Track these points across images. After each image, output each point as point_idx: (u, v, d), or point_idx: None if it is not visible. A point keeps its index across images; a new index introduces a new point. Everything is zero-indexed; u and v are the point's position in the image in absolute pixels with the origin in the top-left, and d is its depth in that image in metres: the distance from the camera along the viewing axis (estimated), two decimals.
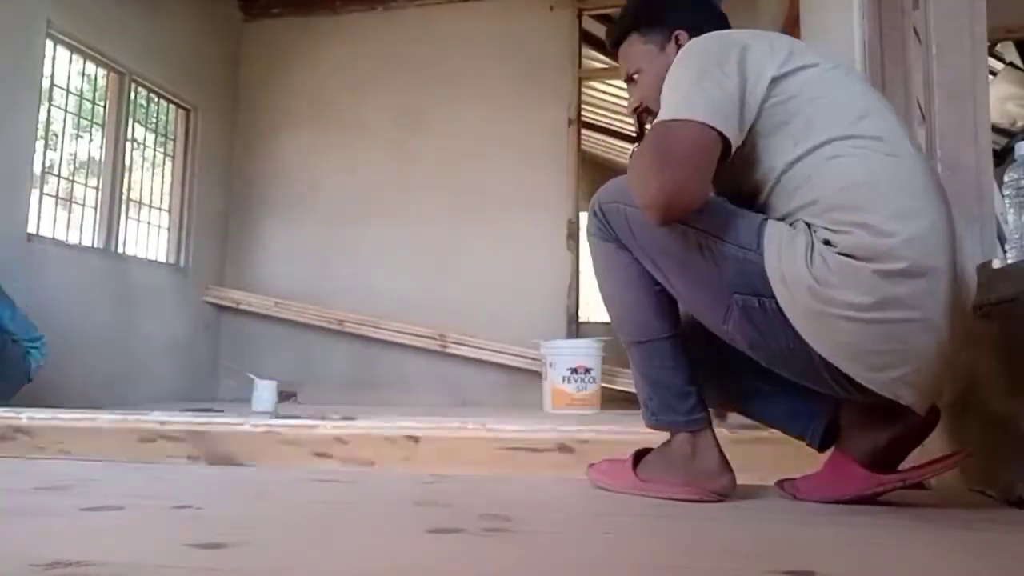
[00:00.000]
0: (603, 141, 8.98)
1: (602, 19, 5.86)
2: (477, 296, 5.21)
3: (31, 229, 3.97)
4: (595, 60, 6.50)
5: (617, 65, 1.64)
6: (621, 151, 9.36)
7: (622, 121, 8.39)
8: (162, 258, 5.12)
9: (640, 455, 1.50)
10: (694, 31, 1.42)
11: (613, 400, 4.80)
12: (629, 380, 4.76)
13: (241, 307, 5.40)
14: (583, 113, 5.58)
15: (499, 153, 5.34)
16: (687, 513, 1.27)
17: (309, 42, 5.76)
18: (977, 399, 1.38)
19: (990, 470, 1.36)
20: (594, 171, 8.61)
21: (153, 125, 5.15)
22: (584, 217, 1.86)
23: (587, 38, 5.73)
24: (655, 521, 1.22)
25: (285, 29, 5.81)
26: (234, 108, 5.78)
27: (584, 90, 5.62)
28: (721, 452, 1.39)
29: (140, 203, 4.97)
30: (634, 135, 8.53)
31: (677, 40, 1.48)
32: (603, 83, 7.23)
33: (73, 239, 4.34)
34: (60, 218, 4.32)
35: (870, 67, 2.13)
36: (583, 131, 5.59)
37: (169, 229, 5.22)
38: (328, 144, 5.63)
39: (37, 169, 4.05)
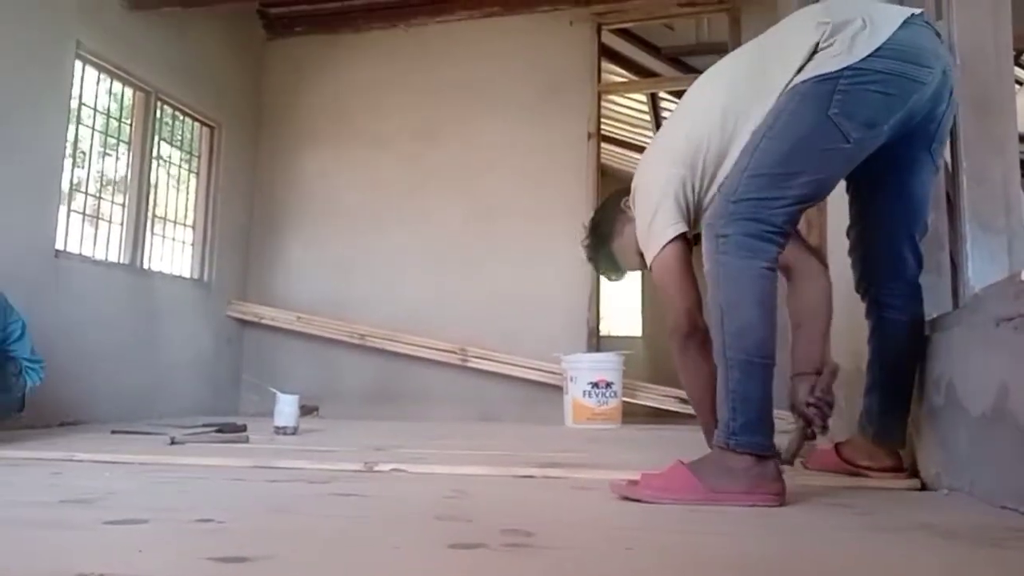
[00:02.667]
0: (622, 154, 8.97)
1: (621, 33, 5.89)
2: (497, 310, 5.21)
3: (59, 245, 4.04)
4: (614, 74, 6.52)
5: (636, 79, 1.83)
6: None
7: (641, 134, 8.39)
8: (186, 273, 5.18)
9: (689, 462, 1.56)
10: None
11: (634, 415, 4.77)
12: (650, 394, 4.74)
13: (263, 321, 5.44)
14: (602, 126, 5.58)
15: (519, 167, 5.35)
16: (709, 528, 1.25)
17: (331, 59, 5.82)
18: (1008, 412, 1.36)
19: (1021, 486, 1.33)
20: (613, 184, 8.59)
21: (178, 142, 5.23)
22: None
23: (606, 52, 5.75)
24: (678, 536, 1.21)
25: (308, 47, 5.88)
26: (257, 125, 5.85)
27: (603, 104, 5.63)
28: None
29: (165, 219, 5.04)
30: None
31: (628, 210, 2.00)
32: (622, 96, 7.25)
33: (100, 255, 4.41)
34: (87, 234, 4.38)
35: None
36: (602, 144, 5.59)
37: (193, 244, 5.28)
38: (350, 159, 5.67)
39: (65, 186, 4.12)
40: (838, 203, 2.99)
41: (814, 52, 1.59)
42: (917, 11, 1.64)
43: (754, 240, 1.54)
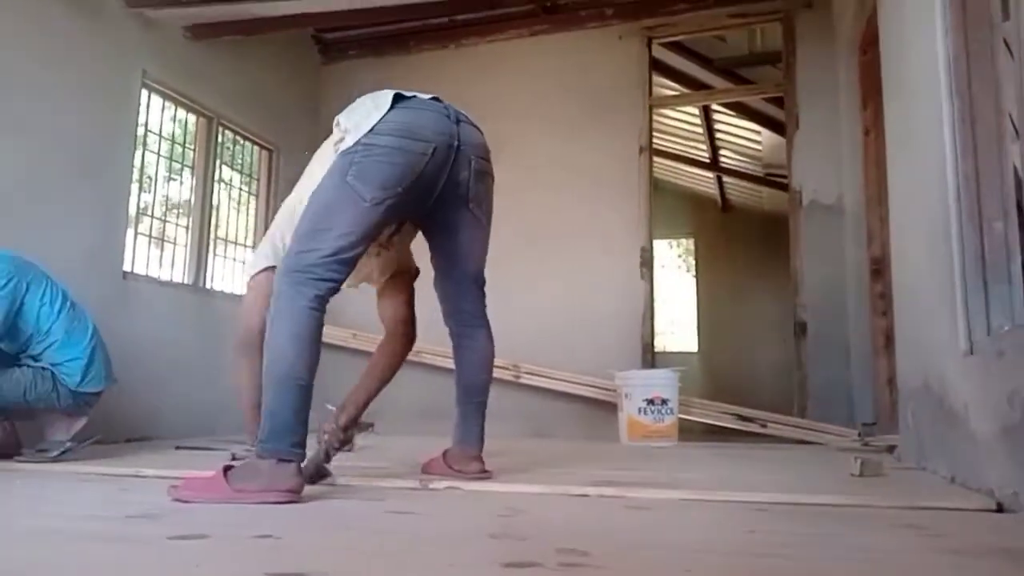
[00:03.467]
0: (675, 167, 8.89)
1: (672, 46, 5.85)
2: (551, 326, 5.19)
3: (127, 267, 4.19)
4: (665, 87, 6.48)
5: (688, 92, 1.84)
6: (693, 178, 9.25)
7: (694, 148, 8.30)
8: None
9: (227, 469, 1.79)
10: None
11: (691, 432, 4.68)
12: (707, 411, 4.65)
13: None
14: (654, 140, 5.55)
15: (571, 183, 5.35)
16: (773, 551, 1.22)
17: (384, 81, 5.86)
18: None
19: None
20: (666, 198, 8.53)
21: (239, 166, 5.39)
22: (658, 245, 1.88)
23: (657, 65, 5.72)
24: (740, 559, 1.18)
25: (361, 70, 6.00)
26: (314, 146, 5.96)
27: (655, 117, 5.59)
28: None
29: (226, 240, 5.19)
30: (707, 161, 8.44)
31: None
32: (674, 110, 7.19)
33: (165, 276, 4.56)
34: (153, 256, 4.54)
35: (956, 83, 2.04)
36: (655, 158, 5.55)
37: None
38: None
39: (132, 210, 4.28)
40: (899, 220, 2.91)
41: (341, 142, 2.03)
42: (424, 95, 2.16)
43: (298, 285, 1.87)
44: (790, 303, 4.93)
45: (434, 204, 2.15)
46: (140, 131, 4.35)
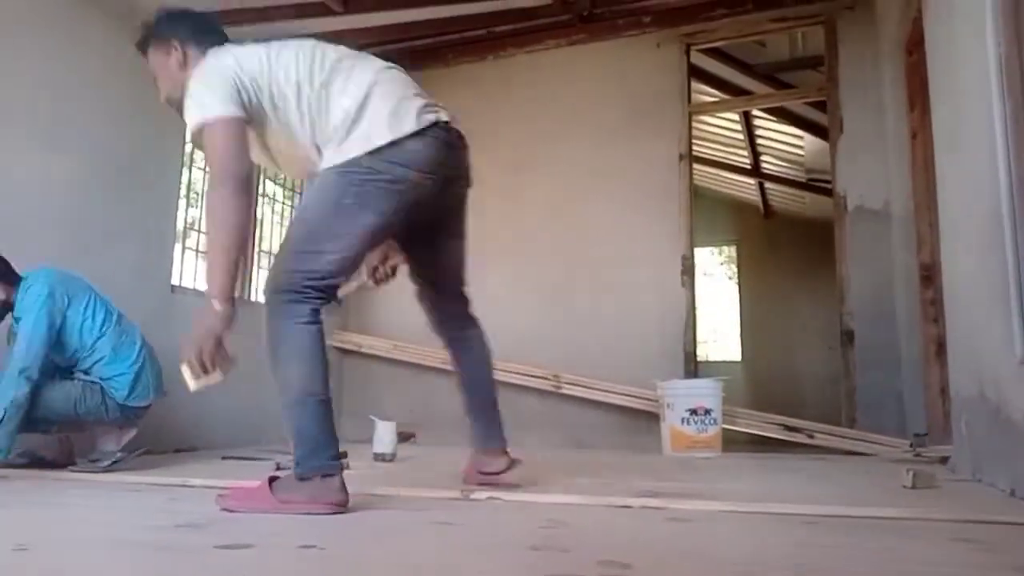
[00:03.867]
0: (715, 175, 8.81)
1: (711, 53, 5.80)
2: (592, 336, 5.17)
3: (174, 281, 4.30)
4: (705, 94, 6.42)
5: (728, 98, 1.78)
6: (734, 184, 9.15)
7: (735, 154, 8.21)
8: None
9: (272, 480, 1.81)
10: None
11: (736, 442, 4.60)
12: (752, 421, 4.57)
13: (363, 350, 5.60)
14: (694, 147, 5.49)
15: (610, 191, 5.32)
16: (824, 564, 1.18)
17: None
18: None
19: None
20: (707, 206, 8.45)
21: (282, 180, 5.49)
22: (700, 252, 1.84)
23: (695, 72, 5.67)
24: (786, 573, 1.15)
25: None
26: None
27: (694, 124, 5.54)
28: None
29: (270, 253, 5.28)
30: (748, 167, 8.34)
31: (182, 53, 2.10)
32: (714, 116, 7.12)
33: None
34: (199, 270, 4.64)
35: (1008, 82, 1.99)
36: (695, 165, 5.50)
37: None
38: None
39: (180, 226, 4.39)
40: (950, 224, 2.84)
41: (351, 129, 1.90)
42: (442, 118, 2.04)
43: (293, 304, 1.87)
44: (836, 311, 4.82)
45: (425, 223, 2.18)
46: (187, 148, 4.46)
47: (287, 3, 4.40)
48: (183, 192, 4.41)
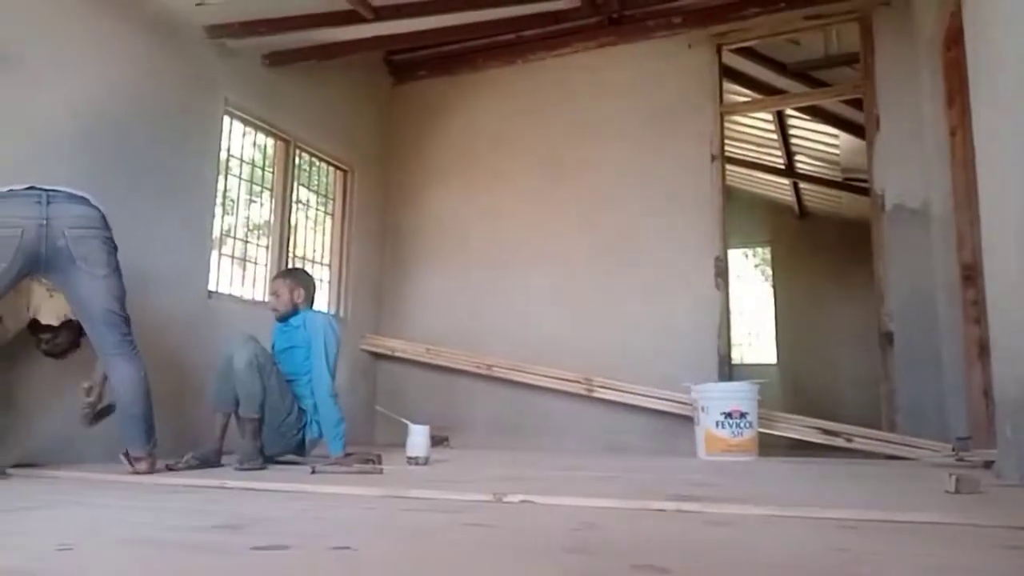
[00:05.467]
0: (748, 175, 8.71)
1: (743, 52, 5.74)
2: (623, 339, 5.14)
3: (211, 287, 4.37)
4: (737, 94, 6.36)
5: (760, 97, 1.72)
6: (768, 185, 9.03)
7: (768, 154, 8.11)
8: (324, 309, 5.45)
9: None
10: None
11: (773, 446, 4.54)
12: (790, 424, 4.51)
13: (395, 354, 5.63)
14: (726, 148, 5.44)
15: (642, 193, 5.30)
16: (860, 570, 1.16)
17: (454, 99, 6.03)
18: None
19: None
20: (740, 207, 8.35)
21: (315, 187, 5.56)
22: (734, 254, 1.80)
23: (728, 72, 5.62)
24: None
25: (431, 89, 6.12)
26: (386, 165, 6.13)
27: (726, 124, 5.49)
28: None
29: (304, 259, 5.34)
30: (782, 167, 8.23)
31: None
32: (746, 116, 7.05)
33: (247, 295, 4.73)
34: (235, 275, 4.72)
35: None
36: (727, 166, 5.44)
37: (330, 282, 5.57)
38: (474, 194, 5.82)
39: (217, 233, 4.47)
40: (992, 222, 2.80)
41: None
42: (19, 187, 2.72)
43: None
44: (874, 312, 4.74)
45: (46, 267, 2.74)
46: (223, 156, 4.54)
47: (318, 12, 4.45)
48: (219, 200, 4.48)
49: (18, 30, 3.37)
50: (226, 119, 4.55)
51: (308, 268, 5.38)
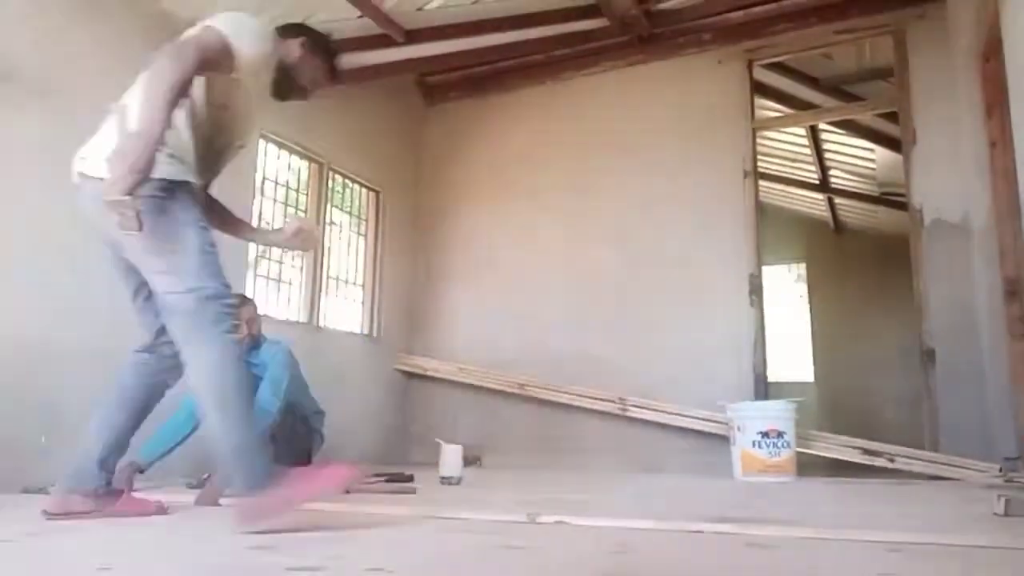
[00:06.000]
0: (781, 190, 8.61)
1: (775, 67, 5.71)
2: (658, 357, 5.09)
3: None
4: (769, 109, 6.31)
5: (793, 112, 1.69)
6: (802, 200, 8.93)
7: (802, 169, 8.03)
8: (357, 329, 5.49)
9: None
10: None
11: (812, 467, 4.45)
12: (828, 444, 4.42)
13: (428, 373, 5.65)
14: (759, 164, 5.40)
15: (673, 211, 5.27)
16: None
17: (484, 120, 6.07)
18: None
19: None
20: (774, 223, 8.26)
21: (347, 208, 5.63)
22: (768, 271, 1.77)
23: (759, 87, 5.58)
24: None
25: (462, 110, 6.18)
26: (417, 186, 6.19)
27: (759, 140, 5.45)
28: None
29: (337, 279, 5.40)
30: (816, 182, 8.13)
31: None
32: (779, 132, 6.99)
33: (282, 315, 4.78)
34: (271, 296, 4.78)
35: None
36: (760, 182, 5.39)
37: (363, 302, 5.61)
38: (505, 213, 5.84)
39: (252, 255, 4.54)
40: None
41: None
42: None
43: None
44: (915, 329, 4.63)
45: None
46: (258, 179, 4.62)
47: (351, 36, 4.53)
48: (254, 222, 4.55)
49: (63, 61, 3.48)
50: (261, 142, 4.64)
51: (341, 288, 5.44)
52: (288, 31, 2.30)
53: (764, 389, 4.85)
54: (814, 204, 8.96)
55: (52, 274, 3.36)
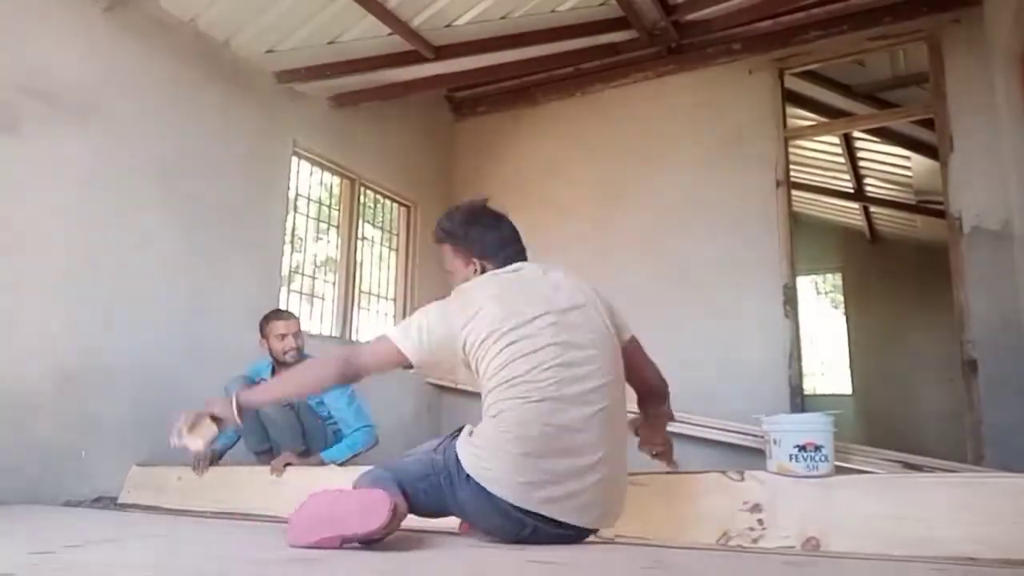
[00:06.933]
0: (814, 200, 8.49)
1: (806, 75, 5.65)
2: (691, 369, 5.02)
3: None
4: (801, 118, 6.24)
5: (825, 121, 1.73)
6: (837, 210, 8.80)
7: (835, 177, 7.91)
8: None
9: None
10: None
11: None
12: (868, 458, 4.31)
13: (459, 386, 5.65)
14: (792, 173, 5.33)
15: (705, 222, 5.22)
16: None
17: (513, 133, 6.09)
18: None
19: None
20: (808, 233, 8.15)
21: (379, 223, 5.68)
22: (803, 281, 1.75)
23: (790, 96, 5.52)
24: None
25: (491, 124, 6.21)
26: (448, 200, 6.21)
27: (791, 149, 5.38)
28: None
29: (369, 294, 5.44)
30: (851, 191, 8.01)
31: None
32: (811, 140, 6.90)
33: (315, 329, 4.83)
34: (304, 311, 4.83)
35: None
36: (793, 191, 5.32)
37: (394, 316, 5.65)
38: (535, 226, 5.75)
39: (285, 270, 4.60)
40: None
41: None
42: None
43: None
44: (955, 339, 4.52)
45: None
46: (291, 195, 4.69)
47: (379, 54, 4.58)
48: (287, 238, 4.62)
49: (107, 83, 3.58)
50: (294, 159, 4.70)
51: (374, 303, 5.48)
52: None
53: (800, 402, 4.77)
54: (849, 213, 8.82)
55: (92, 290, 3.44)
